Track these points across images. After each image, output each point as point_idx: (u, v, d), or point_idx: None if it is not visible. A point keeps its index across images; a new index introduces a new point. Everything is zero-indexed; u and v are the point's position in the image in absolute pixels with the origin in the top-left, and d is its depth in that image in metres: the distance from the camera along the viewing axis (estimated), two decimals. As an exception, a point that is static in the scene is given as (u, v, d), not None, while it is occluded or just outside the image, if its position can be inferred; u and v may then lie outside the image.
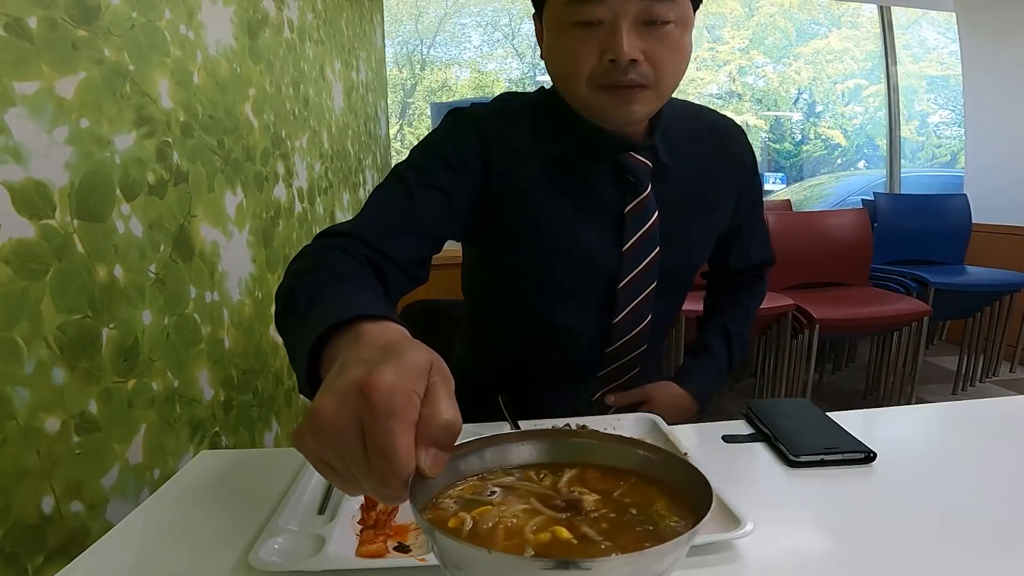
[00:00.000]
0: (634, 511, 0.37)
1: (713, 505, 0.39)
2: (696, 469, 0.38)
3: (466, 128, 0.80)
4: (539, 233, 0.81)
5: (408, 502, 0.34)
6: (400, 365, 0.35)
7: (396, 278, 0.72)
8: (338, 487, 0.37)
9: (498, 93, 0.88)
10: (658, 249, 0.83)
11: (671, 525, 0.36)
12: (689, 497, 0.38)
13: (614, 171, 0.81)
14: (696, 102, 0.94)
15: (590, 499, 0.38)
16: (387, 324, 0.45)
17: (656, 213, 0.83)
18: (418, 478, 0.34)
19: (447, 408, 0.35)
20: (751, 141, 0.96)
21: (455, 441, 0.35)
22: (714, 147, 0.89)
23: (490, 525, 0.36)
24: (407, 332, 0.44)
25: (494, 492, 0.39)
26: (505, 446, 0.41)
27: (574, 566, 0.29)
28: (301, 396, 1.83)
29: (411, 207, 0.75)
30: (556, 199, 0.81)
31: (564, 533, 0.35)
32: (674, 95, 0.81)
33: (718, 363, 1.00)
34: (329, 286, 0.56)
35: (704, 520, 0.33)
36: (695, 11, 0.75)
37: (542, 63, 0.82)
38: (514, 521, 0.36)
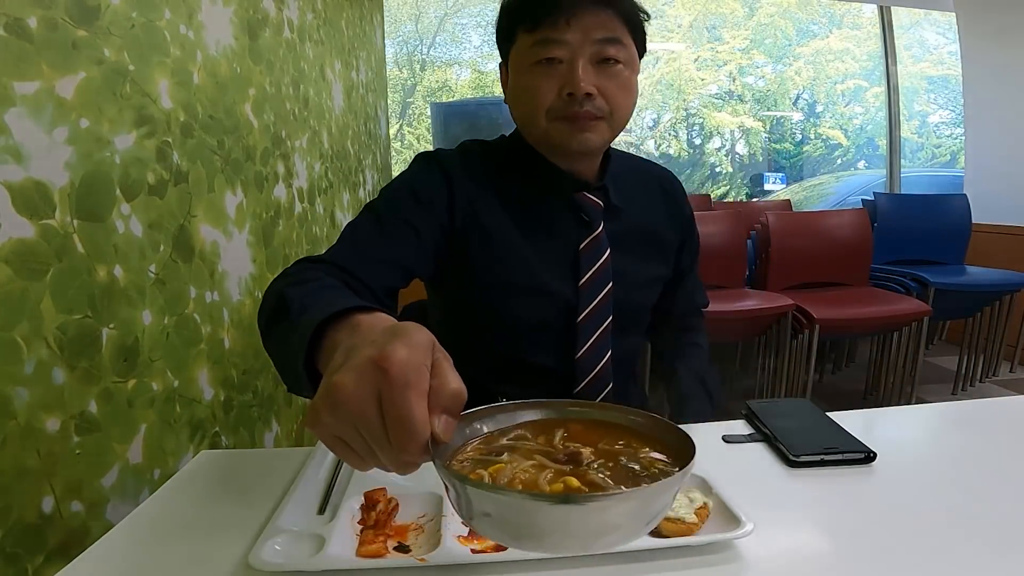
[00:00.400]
0: (624, 459, 0.41)
1: (713, 505, 0.44)
2: (672, 424, 0.43)
3: (433, 169, 0.86)
4: (500, 268, 0.86)
5: (413, 481, 0.39)
6: (409, 342, 0.38)
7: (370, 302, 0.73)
8: (352, 464, 0.40)
9: (465, 140, 0.94)
10: (611, 284, 0.88)
11: (662, 468, 0.40)
12: (672, 446, 0.42)
13: (569, 210, 0.88)
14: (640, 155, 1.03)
15: (586, 452, 0.41)
16: (380, 315, 0.47)
17: (608, 250, 0.89)
18: (433, 443, 0.37)
19: (454, 379, 0.38)
20: (751, 141, 0.98)
21: (462, 409, 0.39)
22: (659, 197, 0.98)
23: (507, 480, 0.39)
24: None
25: (501, 453, 0.42)
26: (501, 414, 0.46)
27: (594, 499, 0.34)
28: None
29: (382, 238, 0.80)
30: (516, 236, 0.86)
31: (575, 482, 0.38)
32: (673, 98, 0.84)
33: (704, 406, 0.98)
34: (317, 292, 0.59)
35: (693, 461, 0.37)
36: (640, 58, 0.85)
37: None
38: (527, 475, 0.39)
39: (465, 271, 0.87)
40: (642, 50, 0.85)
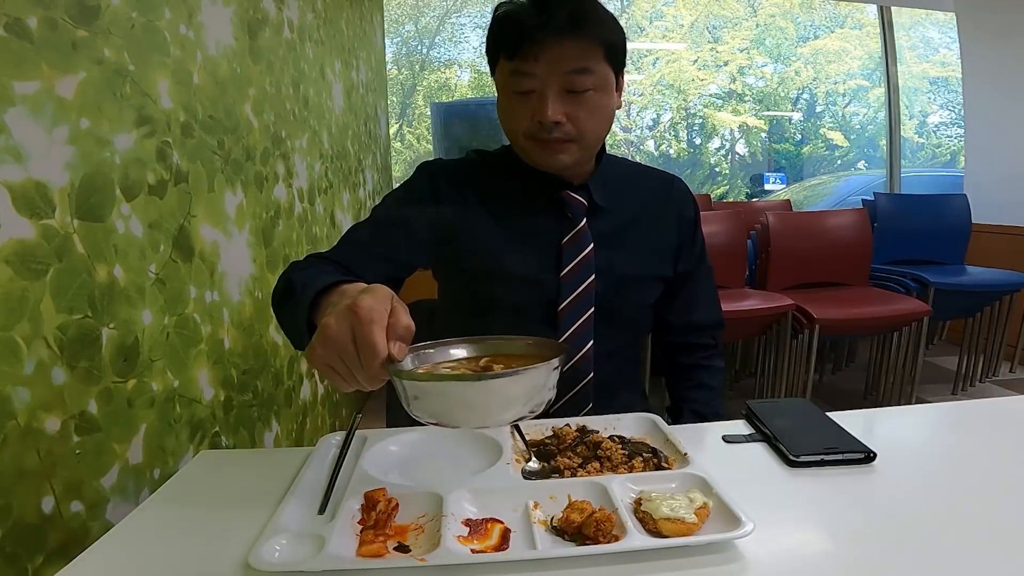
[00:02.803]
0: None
1: (713, 505, 0.57)
2: (554, 343, 0.62)
3: (424, 175, 0.98)
4: (488, 260, 0.93)
5: (385, 383, 0.55)
6: (373, 294, 0.55)
7: None
8: (338, 386, 0.56)
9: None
10: (593, 277, 0.93)
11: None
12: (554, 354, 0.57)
13: (554, 208, 0.94)
14: (643, 162, 1.05)
15: (496, 367, 0.60)
16: (359, 283, 0.64)
17: (591, 245, 0.93)
18: (389, 363, 0.53)
19: (405, 318, 0.55)
20: (752, 141, 0.98)
21: (411, 339, 0.56)
22: (654, 199, 1.02)
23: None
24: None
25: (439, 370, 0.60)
26: (443, 347, 0.63)
27: (487, 377, 0.52)
28: (301, 394, 1.83)
29: (376, 236, 0.91)
30: (504, 231, 0.94)
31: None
32: (673, 98, 0.84)
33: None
34: (317, 275, 0.71)
35: (564, 354, 0.56)
36: (620, 74, 0.89)
37: None
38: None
39: (457, 261, 0.96)
40: (619, 67, 0.89)
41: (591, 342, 0.93)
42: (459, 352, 0.63)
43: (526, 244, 0.94)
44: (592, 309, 0.93)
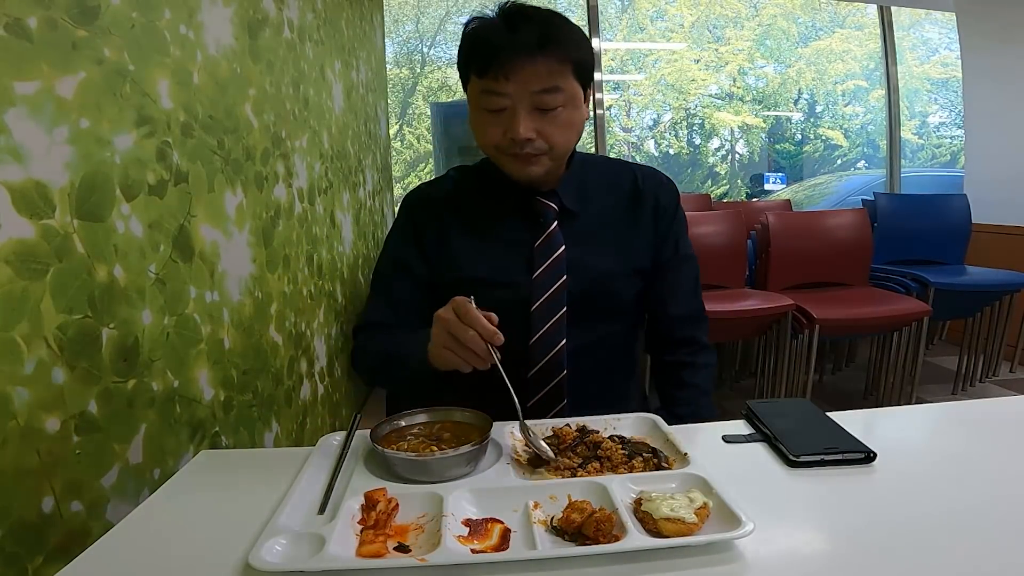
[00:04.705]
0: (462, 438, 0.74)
1: (713, 505, 0.58)
2: (484, 416, 0.78)
3: (405, 211, 1.05)
4: (464, 264, 0.98)
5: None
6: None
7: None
8: (461, 366, 0.78)
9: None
10: (565, 278, 0.96)
11: (475, 440, 0.71)
12: (485, 428, 0.75)
13: (525, 214, 0.98)
14: (623, 159, 1.06)
15: (445, 436, 0.77)
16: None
17: (563, 247, 0.97)
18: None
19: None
20: (752, 141, 0.99)
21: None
22: (628, 193, 1.03)
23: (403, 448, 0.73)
24: None
25: (405, 438, 0.77)
26: (408, 416, 0.81)
27: (433, 456, 0.69)
28: (301, 394, 1.83)
29: (397, 287, 1.01)
30: (478, 239, 0.99)
31: (435, 448, 0.72)
32: (674, 98, 0.84)
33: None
34: (400, 346, 0.90)
35: (487, 436, 0.73)
36: (588, 87, 0.92)
37: None
38: (413, 445, 0.74)
39: (442, 274, 1.00)
40: (588, 81, 0.92)
41: (563, 341, 0.95)
42: (422, 418, 0.81)
43: (500, 249, 0.98)
44: (564, 308, 0.95)
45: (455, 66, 0.96)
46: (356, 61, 2.82)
